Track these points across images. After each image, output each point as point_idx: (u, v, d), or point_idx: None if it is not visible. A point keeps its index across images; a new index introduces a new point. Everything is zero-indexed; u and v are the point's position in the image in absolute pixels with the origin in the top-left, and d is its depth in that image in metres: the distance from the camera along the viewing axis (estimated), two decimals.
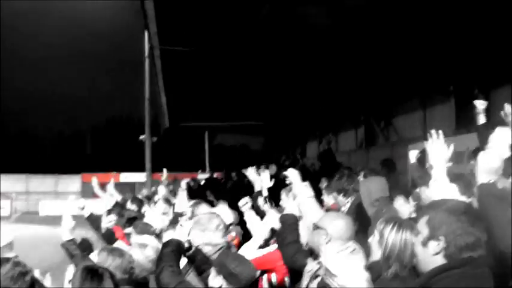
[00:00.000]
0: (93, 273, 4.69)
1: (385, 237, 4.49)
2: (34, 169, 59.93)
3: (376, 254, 4.72)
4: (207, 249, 6.02)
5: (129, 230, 8.02)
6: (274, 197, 8.99)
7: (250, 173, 9.77)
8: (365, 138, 24.52)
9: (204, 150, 58.83)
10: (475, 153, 8.90)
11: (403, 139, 20.25)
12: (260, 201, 8.91)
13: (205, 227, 6.12)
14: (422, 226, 3.62)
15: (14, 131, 60.62)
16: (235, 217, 9.09)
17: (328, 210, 7.83)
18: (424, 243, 3.59)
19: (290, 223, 6.03)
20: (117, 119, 57.60)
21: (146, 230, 7.49)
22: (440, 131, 4.98)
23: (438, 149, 4.88)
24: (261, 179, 9.40)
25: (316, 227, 5.25)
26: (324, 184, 11.05)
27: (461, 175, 5.80)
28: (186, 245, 5.51)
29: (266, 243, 7.41)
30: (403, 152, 17.47)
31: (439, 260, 3.52)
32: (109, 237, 8.86)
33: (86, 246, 8.25)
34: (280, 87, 19.61)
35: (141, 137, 48.45)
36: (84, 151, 61.40)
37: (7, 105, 58.68)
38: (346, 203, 8.06)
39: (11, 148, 60.38)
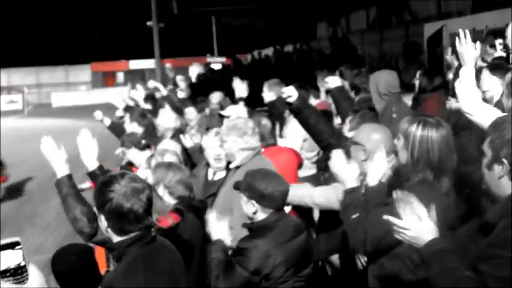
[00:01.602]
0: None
1: (411, 139, 4.27)
2: (44, 61, 59.41)
3: (402, 157, 4.47)
4: (244, 155, 5.78)
5: None
6: None
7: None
8: (377, 18, 23.96)
9: (212, 35, 58.31)
10: (495, 34, 8.65)
11: (418, 18, 19.73)
12: None
13: (243, 131, 5.83)
14: (486, 148, 3.38)
15: (21, 23, 59.67)
16: None
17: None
18: (489, 167, 3.36)
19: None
20: (122, 4, 56.47)
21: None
22: (467, 31, 4.76)
23: (467, 49, 4.68)
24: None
25: (353, 142, 5.00)
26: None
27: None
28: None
29: None
30: (418, 31, 17.00)
31: (505, 184, 3.30)
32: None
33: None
34: None
35: (149, 23, 48.14)
36: (92, 39, 60.66)
37: None
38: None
39: (20, 41, 59.69)
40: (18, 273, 2.49)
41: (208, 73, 18.91)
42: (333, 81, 7.38)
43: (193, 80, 17.25)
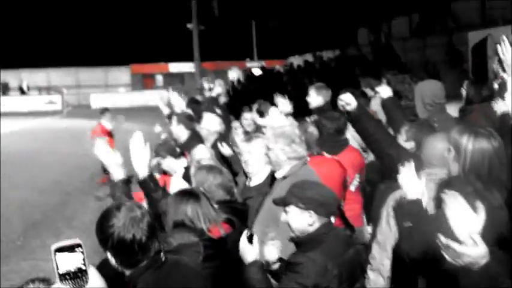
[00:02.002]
0: (189, 194, 4.57)
1: (462, 151, 4.14)
2: (83, 61, 59.86)
3: (453, 170, 4.32)
4: (291, 164, 5.53)
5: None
6: None
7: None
8: (420, 24, 23.71)
9: (252, 39, 58.34)
10: None
11: (462, 25, 19.45)
12: None
13: (291, 139, 5.57)
14: None
15: (60, 23, 60.30)
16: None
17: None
18: None
19: None
20: (162, 6, 56.80)
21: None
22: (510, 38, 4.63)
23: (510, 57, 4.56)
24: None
25: (419, 155, 4.89)
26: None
27: None
28: None
29: None
30: (462, 39, 16.77)
31: None
32: None
33: None
34: None
35: (189, 25, 48.38)
36: (131, 41, 61.01)
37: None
38: None
39: (60, 41, 60.28)
40: (78, 276, 2.44)
41: (247, 80, 18.86)
42: (384, 90, 7.20)
43: (232, 83, 17.23)
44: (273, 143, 5.61)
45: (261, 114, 9.15)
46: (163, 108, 12.89)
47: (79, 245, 2.46)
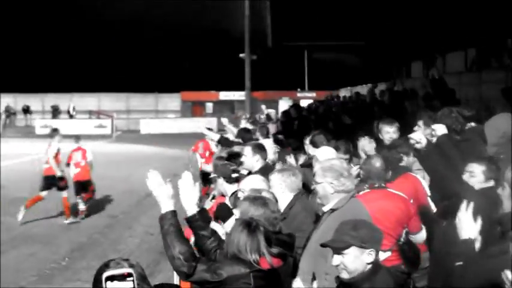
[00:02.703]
0: (244, 224, 4.56)
1: None
2: (134, 87, 60.59)
3: (507, 207, 4.24)
4: (339, 198, 5.46)
5: None
6: None
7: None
8: (476, 59, 23.38)
9: (303, 69, 58.45)
10: None
11: None
12: None
13: (339, 172, 5.51)
14: None
15: (112, 48, 61.25)
16: None
17: None
18: None
19: None
20: (214, 34, 57.33)
21: None
22: None
23: None
24: None
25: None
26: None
27: None
28: None
29: None
30: None
31: None
32: None
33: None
34: (383, 3, 18.89)
35: (241, 55, 48.77)
36: (182, 68, 61.60)
37: (106, 20, 59.14)
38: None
39: (112, 66, 61.20)
40: None
41: (297, 111, 18.79)
42: (440, 128, 7.01)
43: (284, 113, 17.22)
44: (321, 177, 5.57)
45: (314, 144, 9.05)
46: (210, 134, 12.96)
47: (130, 275, 2.43)
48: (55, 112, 57.23)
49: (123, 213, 17.65)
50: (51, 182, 16.66)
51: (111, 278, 2.38)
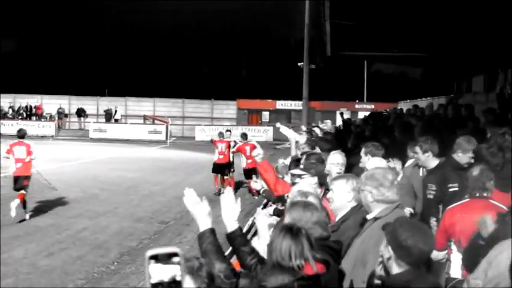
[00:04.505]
0: (286, 229, 4.37)
1: None
2: (190, 94, 60.67)
3: None
4: (381, 207, 5.46)
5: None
6: None
7: None
8: None
9: (363, 80, 57.92)
10: None
11: None
12: None
13: (379, 182, 5.50)
14: None
15: (169, 54, 61.80)
16: None
17: None
18: None
19: None
20: (273, 42, 57.34)
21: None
22: None
23: None
24: None
25: None
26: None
27: None
28: None
29: None
30: None
31: None
32: None
33: None
34: (447, 14, 18.42)
35: (300, 64, 48.50)
36: (239, 76, 61.65)
37: (166, 26, 59.70)
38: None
39: (168, 72, 61.64)
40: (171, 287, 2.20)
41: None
42: None
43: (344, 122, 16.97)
44: (363, 185, 5.63)
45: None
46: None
47: (176, 254, 2.22)
48: (108, 116, 57.79)
49: (174, 219, 17.55)
50: None
51: (156, 258, 2.19)
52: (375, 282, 4.41)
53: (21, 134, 17.96)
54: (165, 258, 2.19)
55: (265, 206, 7.99)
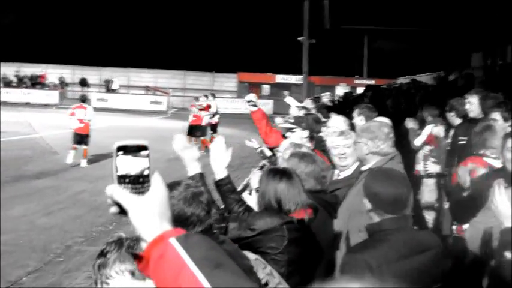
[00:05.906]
0: (282, 173, 4.46)
1: None
2: (191, 66, 60.62)
3: None
4: (376, 159, 5.56)
5: None
6: None
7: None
8: None
9: (362, 56, 57.77)
10: None
11: None
12: None
13: (374, 134, 5.61)
14: None
15: (171, 25, 61.47)
16: None
17: None
18: None
19: None
20: (272, 17, 57.02)
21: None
22: None
23: None
24: None
25: None
26: None
27: None
28: None
29: None
30: None
31: None
32: None
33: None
34: None
35: (300, 38, 48.32)
36: (240, 49, 61.40)
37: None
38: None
39: (170, 44, 61.40)
40: (139, 182, 2.08)
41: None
42: None
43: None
44: (358, 137, 5.76)
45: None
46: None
47: (145, 147, 2.10)
48: (108, 85, 57.87)
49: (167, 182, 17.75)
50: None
51: (124, 150, 2.07)
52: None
53: (83, 99, 23.14)
54: (134, 151, 2.09)
55: (261, 168, 8.09)
